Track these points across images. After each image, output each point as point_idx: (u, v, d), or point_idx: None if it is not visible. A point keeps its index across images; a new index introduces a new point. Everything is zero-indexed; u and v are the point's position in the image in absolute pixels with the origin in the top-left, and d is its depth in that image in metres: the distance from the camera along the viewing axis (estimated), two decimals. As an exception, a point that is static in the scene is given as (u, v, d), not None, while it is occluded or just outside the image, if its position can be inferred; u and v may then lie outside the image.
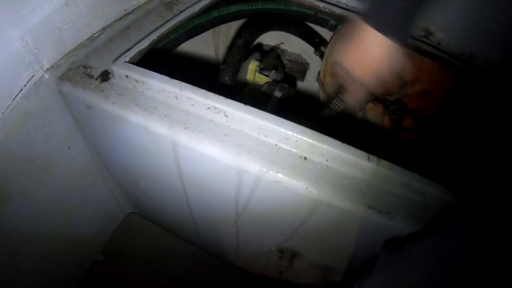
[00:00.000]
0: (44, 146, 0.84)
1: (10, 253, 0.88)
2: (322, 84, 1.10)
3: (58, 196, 0.96)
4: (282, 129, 0.65)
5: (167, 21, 0.86)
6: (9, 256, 0.88)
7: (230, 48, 0.90)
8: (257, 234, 0.94)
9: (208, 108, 0.68)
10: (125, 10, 0.90)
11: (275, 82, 1.05)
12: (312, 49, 1.15)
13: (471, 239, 0.48)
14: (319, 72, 1.11)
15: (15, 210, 0.83)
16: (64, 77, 0.78)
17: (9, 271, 0.90)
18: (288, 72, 1.16)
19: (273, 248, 0.94)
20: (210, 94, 0.67)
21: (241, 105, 0.66)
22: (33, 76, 0.75)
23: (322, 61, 1.10)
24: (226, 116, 0.67)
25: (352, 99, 0.73)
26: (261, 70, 1.06)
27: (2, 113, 0.71)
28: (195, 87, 0.68)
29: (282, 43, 1.24)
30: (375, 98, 1.05)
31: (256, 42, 1.10)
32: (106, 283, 1.28)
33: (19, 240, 0.89)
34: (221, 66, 0.87)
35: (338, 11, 0.96)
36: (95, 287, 1.26)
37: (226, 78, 0.85)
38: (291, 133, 0.65)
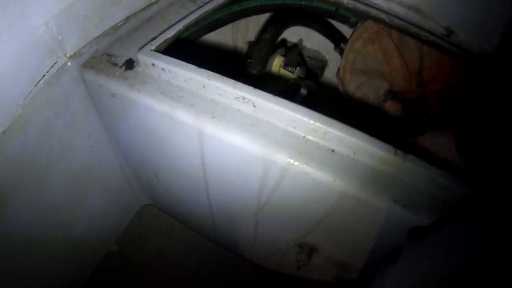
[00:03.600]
0: (63, 134, 0.84)
1: (26, 240, 0.88)
2: (341, 81, 1.10)
3: (75, 185, 0.96)
4: (311, 121, 0.64)
5: (191, 12, 0.85)
6: (23, 241, 0.88)
7: (256, 42, 0.90)
8: (277, 228, 0.93)
9: (236, 98, 0.68)
10: (149, 0, 0.90)
11: (300, 78, 1.05)
12: (331, 45, 1.15)
13: (496, 223, 0.48)
14: (338, 68, 1.11)
15: (32, 197, 0.83)
16: (87, 65, 0.78)
17: (24, 257, 0.90)
18: (308, 68, 1.16)
19: (291, 243, 0.93)
20: (239, 84, 0.67)
21: (270, 96, 0.66)
22: (56, 63, 0.75)
23: (341, 58, 1.10)
24: (255, 106, 0.67)
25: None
26: (285, 66, 1.06)
27: (24, 99, 0.71)
28: (224, 77, 0.68)
29: (301, 39, 1.24)
30: (394, 96, 1.05)
31: (280, 38, 1.10)
32: (120, 274, 1.28)
33: (34, 228, 0.89)
34: (248, 60, 0.87)
35: (362, 7, 0.96)
36: (108, 278, 1.26)
37: (254, 71, 0.84)
38: (319, 125, 0.64)
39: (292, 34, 1.23)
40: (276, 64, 1.04)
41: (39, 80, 0.73)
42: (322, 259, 0.93)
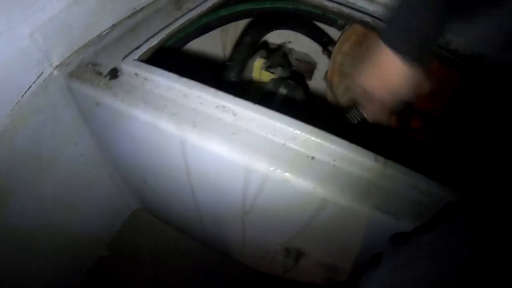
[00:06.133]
0: (52, 143, 0.85)
1: (14, 248, 0.89)
2: (329, 84, 1.10)
3: (65, 192, 0.97)
4: (290, 128, 0.65)
5: (176, 19, 0.86)
6: (13, 251, 0.89)
7: (237, 45, 0.91)
8: (263, 232, 0.94)
9: (217, 106, 0.68)
10: (134, 8, 0.90)
11: (281, 79, 1.05)
12: (319, 48, 1.15)
13: (476, 231, 0.49)
14: (326, 71, 1.11)
15: (21, 205, 0.84)
16: (73, 74, 0.79)
17: (14, 265, 0.91)
18: (296, 70, 1.16)
19: (279, 247, 0.94)
20: (219, 92, 0.68)
21: (250, 104, 0.66)
22: (42, 73, 0.76)
23: (329, 60, 1.10)
24: (235, 114, 0.68)
25: (370, 113, 0.73)
26: (268, 68, 1.06)
27: (11, 110, 0.72)
28: (205, 86, 0.69)
29: (290, 42, 1.24)
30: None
31: (262, 40, 1.10)
32: (111, 279, 1.28)
33: (24, 235, 0.90)
34: (227, 63, 0.87)
35: (347, 10, 0.96)
36: (100, 283, 1.27)
37: (232, 74, 0.85)
38: (299, 132, 0.65)
39: (281, 36, 1.23)
40: (257, 66, 1.05)
41: (26, 91, 0.74)
42: (310, 262, 0.93)
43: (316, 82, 1.32)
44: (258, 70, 1.06)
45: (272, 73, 1.06)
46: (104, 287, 1.27)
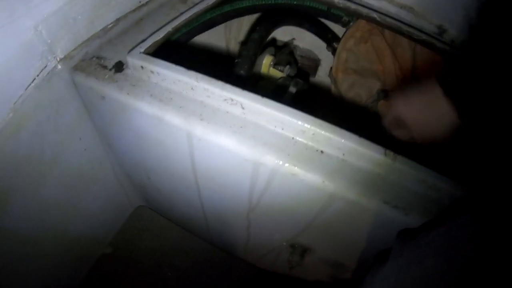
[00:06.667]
0: (55, 137, 0.83)
1: (16, 246, 0.88)
2: (334, 80, 1.10)
3: (68, 188, 0.96)
4: (299, 122, 0.64)
5: (181, 14, 0.85)
6: (16, 246, 0.88)
7: (245, 41, 0.90)
8: (269, 229, 0.93)
9: (225, 99, 0.68)
10: (139, 2, 0.90)
11: (289, 77, 1.05)
12: (323, 45, 1.15)
13: (484, 227, 0.48)
14: (331, 68, 1.11)
15: (23, 203, 0.83)
16: (77, 68, 0.78)
17: (15, 263, 0.90)
18: (300, 67, 1.16)
19: (284, 243, 0.94)
20: (227, 85, 0.67)
21: (258, 97, 0.66)
22: (46, 66, 0.75)
23: (334, 57, 1.09)
24: (243, 108, 0.67)
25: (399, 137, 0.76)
26: (275, 65, 1.06)
27: (14, 103, 0.70)
28: (212, 79, 0.68)
29: (294, 38, 1.24)
30: (386, 95, 1.05)
31: (270, 37, 1.10)
32: (114, 276, 1.28)
33: (27, 232, 0.89)
34: (236, 60, 0.87)
35: (353, 6, 0.95)
36: (102, 280, 1.26)
37: (242, 71, 0.85)
38: (308, 126, 0.64)
39: (285, 33, 1.22)
40: (266, 63, 1.04)
41: (30, 84, 0.73)
42: (315, 259, 0.93)
43: (320, 79, 1.32)
44: (267, 68, 1.05)
45: (281, 71, 1.06)
46: (107, 284, 1.27)
